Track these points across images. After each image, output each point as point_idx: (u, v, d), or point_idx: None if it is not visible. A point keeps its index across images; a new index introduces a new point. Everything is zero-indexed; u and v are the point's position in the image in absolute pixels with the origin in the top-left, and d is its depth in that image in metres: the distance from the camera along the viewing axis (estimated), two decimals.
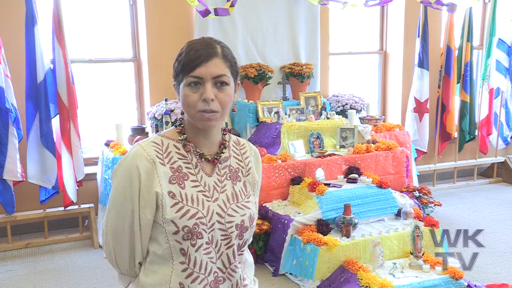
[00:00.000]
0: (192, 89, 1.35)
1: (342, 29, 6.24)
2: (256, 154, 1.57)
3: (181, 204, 1.36)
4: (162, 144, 1.41)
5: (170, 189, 1.37)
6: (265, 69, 5.06)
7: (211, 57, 1.35)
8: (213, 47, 1.37)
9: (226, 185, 1.45)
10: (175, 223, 1.35)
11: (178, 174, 1.39)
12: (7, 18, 4.57)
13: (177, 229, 1.35)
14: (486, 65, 6.29)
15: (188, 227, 1.35)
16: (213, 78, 1.35)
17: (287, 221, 3.93)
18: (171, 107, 4.73)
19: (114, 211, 1.40)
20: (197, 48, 1.36)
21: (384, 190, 4.21)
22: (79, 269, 4.12)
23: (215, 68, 1.35)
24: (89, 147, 5.33)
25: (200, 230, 1.36)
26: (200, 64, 1.34)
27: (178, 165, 1.40)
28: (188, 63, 1.34)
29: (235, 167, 1.49)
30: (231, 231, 1.41)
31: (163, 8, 5.06)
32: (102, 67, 5.43)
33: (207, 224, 1.37)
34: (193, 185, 1.40)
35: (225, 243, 1.41)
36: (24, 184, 4.48)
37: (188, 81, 1.35)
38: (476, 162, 6.49)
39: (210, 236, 1.38)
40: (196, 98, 1.35)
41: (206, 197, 1.40)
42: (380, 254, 3.60)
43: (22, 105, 4.40)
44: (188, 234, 1.35)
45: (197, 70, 1.34)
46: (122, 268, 1.44)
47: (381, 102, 6.52)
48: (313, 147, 4.65)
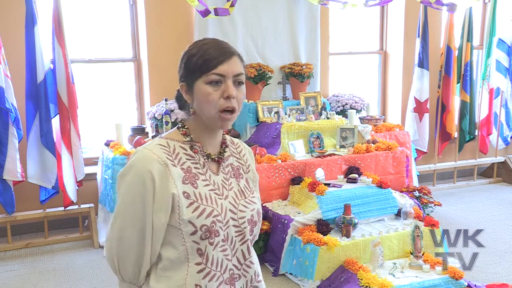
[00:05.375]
0: (214, 87, 1.36)
1: (342, 29, 6.24)
2: (250, 152, 1.60)
3: (197, 203, 1.36)
4: (168, 146, 1.40)
5: (184, 189, 1.37)
6: (265, 69, 5.06)
7: (232, 55, 1.37)
8: (229, 46, 1.40)
9: (232, 183, 1.48)
10: (192, 223, 1.34)
11: (189, 175, 1.39)
12: (7, 18, 4.57)
13: (195, 229, 1.35)
14: (486, 65, 6.28)
15: (206, 225, 1.35)
16: (234, 76, 1.37)
17: (287, 221, 3.93)
18: (171, 107, 4.72)
19: (122, 217, 1.36)
20: (216, 47, 1.37)
21: (384, 190, 4.21)
22: (79, 269, 4.12)
23: (236, 67, 1.37)
24: (89, 147, 5.33)
25: (217, 228, 1.38)
26: (223, 61, 1.35)
27: (187, 166, 1.40)
28: (210, 60, 1.35)
29: (236, 165, 1.52)
30: (244, 227, 1.44)
31: (163, 8, 5.06)
32: (102, 67, 5.43)
33: (223, 222, 1.39)
34: (204, 184, 1.41)
35: (240, 239, 1.44)
36: (24, 184, 4.48)
37: (210, 78, 1.35)
38: (476, 162, 6.49)
39: (226, 233, 1.40)
40: (217, 96, 1.36)
41: (217, 195, 1.42)
42: (380, 254, 3.59)
43: (22, 105, 4.40)
44: (206, 233, 1.35)
45: (220, 67, 1.35)
46: (124, 275, 1.41)
47: (381, 102, 6.52)
48: (313, 147, 4.65)
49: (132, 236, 1.35)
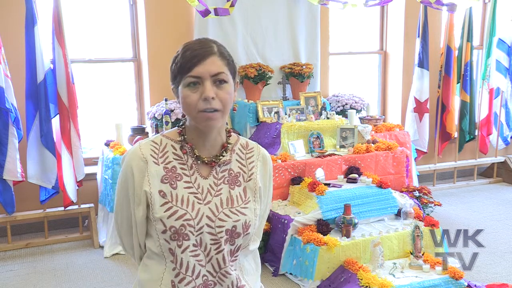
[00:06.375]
0: (192, 89, 1.35)
1: (342, 29, 6.24)
2: (264, 158, 1.52)
3: (170, 204, 1.37)
4: (160, 144, 1.43)
5: (161, 188, 1.38)
6: (265, 69, 5.06)
7: (208, 56, 1.34)
8: (209, 46, 1.37)
9: (222, 189, 1.42)
10: (163, 222, 1.36)
11: (172, 174, 1.39)
12: (7, 18, 4.57)
13: (164, 228, 1.36)
14: (486, 65, 6.28)
15: (175, 227, 1.35)
16: (212, 76, 1.34)
17: (287, 221, 3.93)
18: (171, 107, 4.73)
19: (117, 204, 1.48)
20: (193, 48, 1.35)
21: (384, 190, 4.21)
22: (79, 269, 4.12)
23: (213, 66, 1.34)
24: (89, 147, 5.33)
25: (187, 231, 1.36)
26: (197, 63, 1.33)
27: (172, 165, 1.40)
28: (185, 63, 1.34)
29: (236, 171, 1.46)
30: (220, 236, 1.38)
31: (163, 8, 5.06)
32: (102, 67, 5.43)
33: (195, 227, 1.37)
34: (185, 186, 1.40)
35: (215, 248, 1.39)
36: (24, 184, 4.48)
37: (187, 81, 1.35)
38: (476, 162, 6.49)
39: (198, 238, 1.37)
40: (196, 98, 1.34)
41: (197, 199, 1.39)
42: (380, 254, 3.59)
43: (22, 105, 4.40)
44: (175, 234, 1.36)
45: (195, 69, 1.33)
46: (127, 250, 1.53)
47: (381, 102, 6.52)
48: (313, 147, 4.65)
49: (123, 223, 1.48)
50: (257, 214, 1.46)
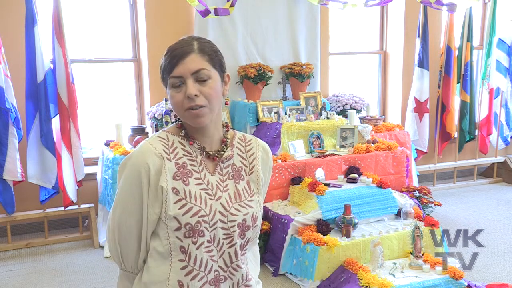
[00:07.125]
0: (176, 90, 1.38)
1: (342, 29, 6.24)
2: (264, 149, 1.55)
3: (185, 201, 1.37)
4: (168, 139, 1.43)
5: (173, 185, 1.37)
6: (265, 69, 5.06)
7: (187, 54, 1.36)
8: (189, 44, 1.38)
9: (228, 185, 1.45)
10: (177, 219, 1.35)
11: (183, 171, 1.40)
12: (7, 18, 4.57)
13: (179, 226, 1.35)
14: (486, 65, 6.28)
15: (191, 224, 1.35)
16: (193, 74, 1.36)
17: (287, 221, 3.93)
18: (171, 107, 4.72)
19: (121, 207, 1.41)
20: (174, 48, 1.38)
21: (384, 190, 4.21)
22: (79, 269, 4.12)
23: (192, 64, 1.36)
24: (89, 147, 5.33)
25: (202, 228, 1.37)
26: (177, 63, 1.36)
27: (183, 162, 1.41)
28: (167, 64, 1.38)
29: (238, 166, 1.49)
30: (233, 230, 1.41)
31: (163, 8, 5.06)
32: (102, 67, 5.43)
33: (209, 223, 1.38)
34: (196, 182, 1.40)
35: (227, 242, 1.41)
36: (24, 184, 4.48)
37: (171, 82, 1.38)
38: (476, 162, 6.49)
39: (212, 234, 1.39)
40: (181, 97, 1.37)
41: (209, 195, 1.40)
42: (380, 254, 3.59)
43: (22, 105, 4.40)
44: (190, 231, 1.36)
45: (175, 69, 1.36)
46: (126, 262, 1.45)
47: (381, 102, 6.52)
48: (313, 147, 4.65)
49: (131, 226, 1.40)
50: (261, 206, 1.50)
